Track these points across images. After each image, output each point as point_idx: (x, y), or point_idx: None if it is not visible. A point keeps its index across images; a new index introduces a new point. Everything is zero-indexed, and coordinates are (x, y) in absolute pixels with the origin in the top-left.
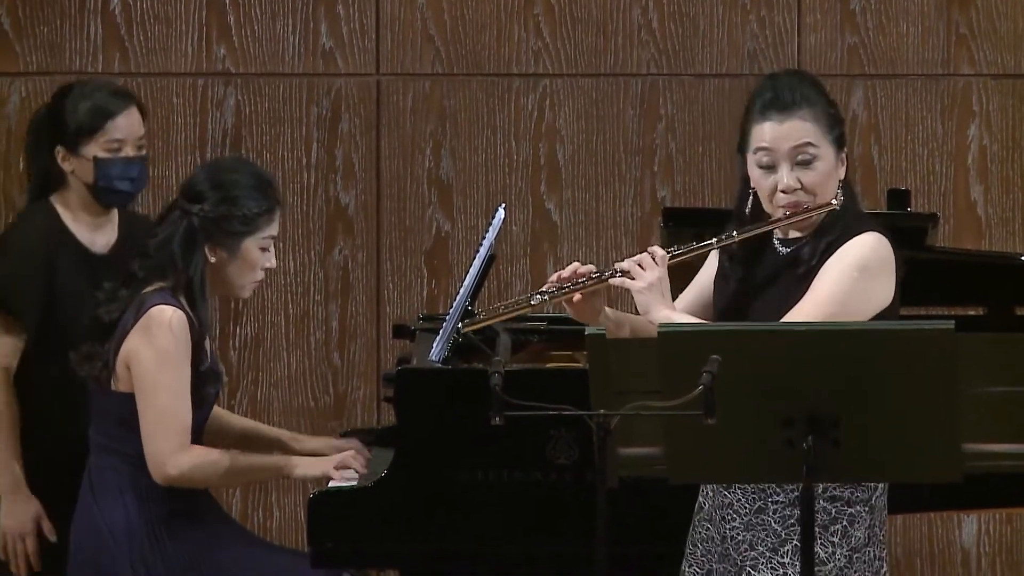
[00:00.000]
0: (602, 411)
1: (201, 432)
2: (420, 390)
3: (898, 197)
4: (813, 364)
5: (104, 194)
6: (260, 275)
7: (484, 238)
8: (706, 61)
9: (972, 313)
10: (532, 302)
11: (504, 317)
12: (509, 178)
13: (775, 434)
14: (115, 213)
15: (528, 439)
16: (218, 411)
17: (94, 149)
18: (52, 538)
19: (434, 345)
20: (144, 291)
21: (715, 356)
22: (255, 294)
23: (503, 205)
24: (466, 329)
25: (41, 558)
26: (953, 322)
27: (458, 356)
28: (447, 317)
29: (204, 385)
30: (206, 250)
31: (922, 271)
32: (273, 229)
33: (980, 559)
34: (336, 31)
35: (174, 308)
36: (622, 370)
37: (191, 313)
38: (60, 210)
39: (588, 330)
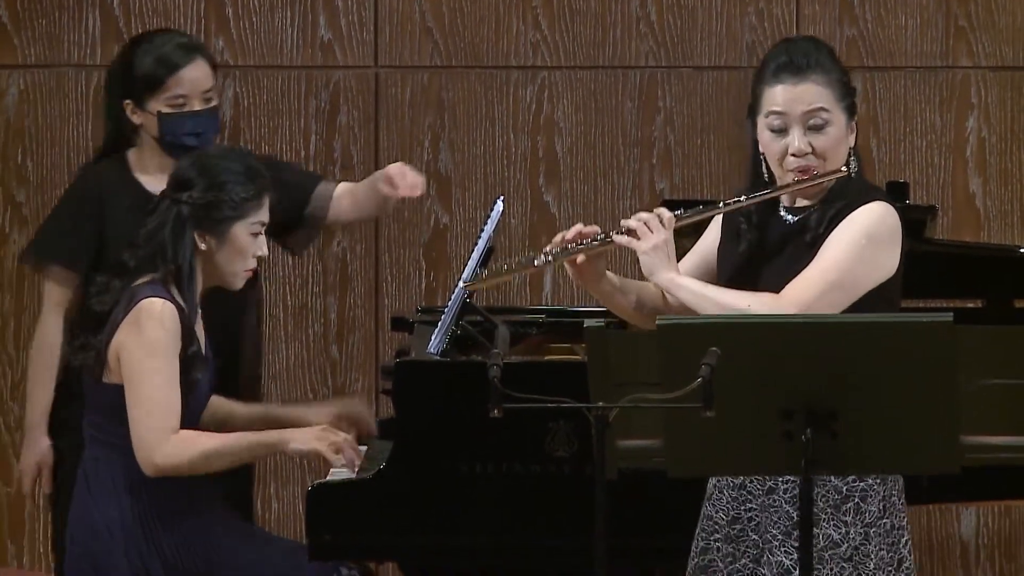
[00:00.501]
0: (600, 403)
1: (197, 425)
2: (418, 382)
3: (897, 189)
4: (812, 357)
5: (172, 149)
6: (251, 263)
7: (482, 230)
8: (705, 53)
9: (971, 306)
10: (536, 263)
11: (507, 277)
12: (507, 170)
13: (774, 427)
14: None
15: (527, 432)
16: (222, 401)
17: (158, 104)
18: (47, 490)
19: (432, 337)
20: (135, 283)
21: (714, 348)
22: None
23: (501, 197)
24: (469, 287)
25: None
26: (952, 315)
27: (456, 348)
28: (445, 309)
29: (190, 370)
30: (195, 237)
31: (921, 263)
32: (263, 215)
33: (979, 551)
34: (334, 23)
35: (164, 300)
36: (621, 362)
37: (181, 302)
38: (133, 162)
39: (587, 322)
